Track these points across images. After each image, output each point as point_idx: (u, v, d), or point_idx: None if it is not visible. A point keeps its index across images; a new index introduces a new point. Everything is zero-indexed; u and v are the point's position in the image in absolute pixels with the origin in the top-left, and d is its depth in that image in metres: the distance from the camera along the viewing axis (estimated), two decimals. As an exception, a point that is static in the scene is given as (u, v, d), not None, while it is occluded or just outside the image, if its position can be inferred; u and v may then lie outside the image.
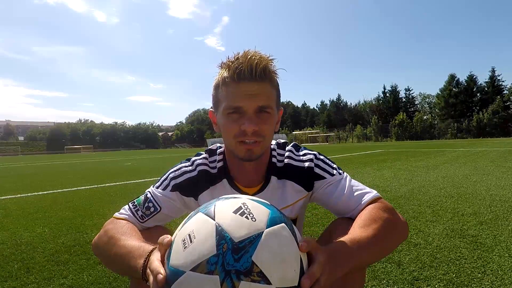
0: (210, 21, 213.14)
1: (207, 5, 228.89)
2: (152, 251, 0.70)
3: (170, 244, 0.60)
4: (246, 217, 0.57)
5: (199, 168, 1.00)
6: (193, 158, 1.03)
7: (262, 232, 0.55)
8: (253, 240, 0.54)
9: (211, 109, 0.97)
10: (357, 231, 0.79)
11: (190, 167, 1.01)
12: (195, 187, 0.98)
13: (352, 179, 1.00)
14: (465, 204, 3.14)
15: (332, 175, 0.98)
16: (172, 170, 1.01)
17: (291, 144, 1.07)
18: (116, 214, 0.97)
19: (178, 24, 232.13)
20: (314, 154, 1.02)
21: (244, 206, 0.59)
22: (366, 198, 0.92)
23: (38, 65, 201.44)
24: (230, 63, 0.86)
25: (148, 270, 0.63)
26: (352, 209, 0.92)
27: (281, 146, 1.06)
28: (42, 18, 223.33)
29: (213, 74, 0.93)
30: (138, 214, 0.95)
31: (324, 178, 0.98)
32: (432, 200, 3.41)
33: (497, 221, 2.53)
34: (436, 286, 1.54)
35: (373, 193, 0.94)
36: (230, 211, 0.58)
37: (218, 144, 1.07)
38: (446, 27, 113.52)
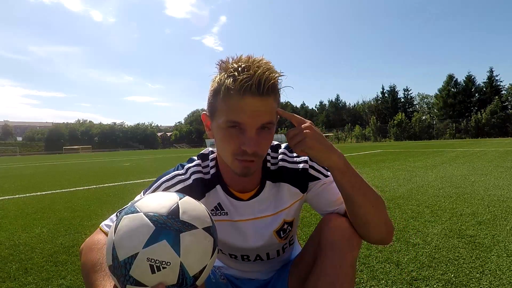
0: (208, 21, 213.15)
1: (205, 5, 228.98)
2: None
3: None
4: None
5: (193, 176, 0.97)
6: (187, 165, 1.00)
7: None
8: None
9: (205, 112, 0.92)
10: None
11: (184, 176, 0.97)
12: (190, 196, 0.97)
13: None
14: (464, 204, 3.15)
15: (326, 176, 0.98)
16: (165, 178, 0.97)
17: (284, 146, 1.04)
18: (103, 226, 0.93)
19: (175, 24, 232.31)
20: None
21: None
22: None
23: (35, 65, 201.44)
24: (236, 73, 0.78)
25: None
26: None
27: (274, 149, 1.03)
28: (39, 18, 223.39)
29: (211, 75, 0.87)
30: None
31: (318, 179, 0.98)
32: (431, 200, 3.41)
33: (496, 221, 2.54)
34: (435, 286, 1.54)
35: None
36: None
37: (210, 149, 1.04)
38: (445, 27, 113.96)
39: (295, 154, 1.02)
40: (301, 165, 0.99)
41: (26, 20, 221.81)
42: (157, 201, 0.74)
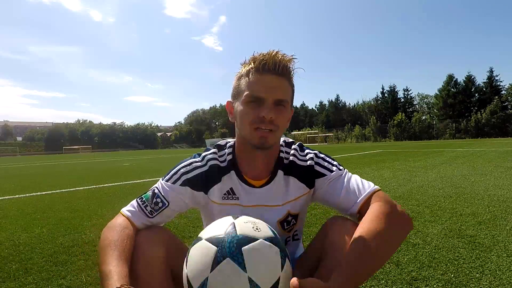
0: (207, 21, 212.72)
1: (204, 5, 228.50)
2: None
3: None
4: None
5: (210, 163, 1.04)
6: (203, 154, 1.07)
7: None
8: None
9: (229, 100, 1.03)
10: (358, 246, 0.80)
11: (200, 162, 1.04)
12: (206, 181, 1.02)
13: (352, 175, 1.04)
14: (464, 204, 3.15)
15: (332, 171, 1.03)
16: (183, 165, 1.04)
17: (297, 144, 1.12)
18: (123, 210, 1.00)
19: (175, 24, 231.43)
20: (315, 153, 1.08)
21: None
22: (364, 193, 0.96)
23: (34, 65, 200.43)
24: (256, 57, 0.94)
25: None
26: (352, 204, 0.97)
27: (288, 144, 1.12)
28: (38, 18, 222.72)
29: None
30: (147, 210, 0.98)
31: (324, 175, 1.03)
32: (431, 200, 3.41)
33: (495, 221, 2.54)
34: (435, 286, 1.54)
35: (371, 187, 0.98)
36: None
37: (228, 139, 1.11)
38: (444, 28, 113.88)
39: (305, 152, 1.09)
40: (308, 162, 1.05)
41: (26, 20, 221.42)
42: (215, 225, 0.78)
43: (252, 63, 0.95)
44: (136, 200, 1.01)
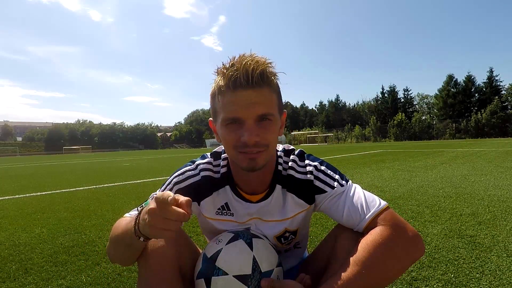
0: (207, 21, 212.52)
1: (204, 4, 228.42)
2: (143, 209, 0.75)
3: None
4: None
5: (202, 173, 0.97)
6: (198, 161, 1.01)
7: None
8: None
9: (211, 119, 0.94)
10: (348, 272, 0.77)
11: (193, 171, 0.98)
12: (198, 193, 0.97)
13: (357, 188, 0.94)
14: (464, 204, 3.15)
15: (333, 187, 0.93)
16: (176, 174, 0.99)
17: (297, 152, 1.02)
18: (126, 215, 0.97)
19: (174, 24, 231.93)
20: (315, 165, 0.97)
21: None
22: (369, 213, 0.87)
23: (33, 65, 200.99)
24: (225, 70, 0.81)
25: (144, 213, 0.72)
26: (356, 224, 0.88)
27: (287, 153, 1.01)
28: (37, 18, 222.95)
29: (211, 75, 0.89)
30: None
31: (324, 191, 0.93)
32: (431, 200, 3.41)
33: (495, 221, 2.54)
34: (435, 286, 1.54)
35: (376, 205, 0.88)
36: None
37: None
38: (445, 28, 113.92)
39: (306, 162, 0.99)
40: (307, 176, 0.95)
41: (25, 20, 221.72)
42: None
43: (222, 79, 0.81)
44: (137, 208, 0.97)
